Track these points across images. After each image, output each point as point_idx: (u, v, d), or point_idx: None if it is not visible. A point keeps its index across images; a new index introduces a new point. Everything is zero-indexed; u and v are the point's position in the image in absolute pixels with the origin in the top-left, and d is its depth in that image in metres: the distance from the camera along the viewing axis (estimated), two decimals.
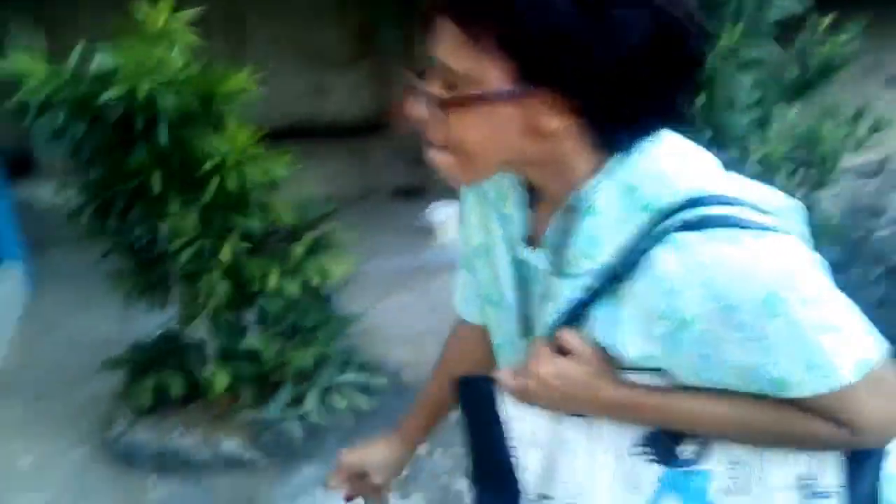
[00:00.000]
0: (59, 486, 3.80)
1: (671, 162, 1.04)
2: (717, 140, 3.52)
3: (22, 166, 7.14)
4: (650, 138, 1.04)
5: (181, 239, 3.58)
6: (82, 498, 3.70)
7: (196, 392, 3.90)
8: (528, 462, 1.21)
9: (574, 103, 0.98)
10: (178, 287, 3.83)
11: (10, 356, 5.30)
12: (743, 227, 0.97)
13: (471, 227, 1.32)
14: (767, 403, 1.06)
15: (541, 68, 0.96)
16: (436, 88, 1.03)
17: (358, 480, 1.55)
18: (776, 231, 0.99)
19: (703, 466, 1.13)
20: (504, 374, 1.18)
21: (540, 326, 1.17)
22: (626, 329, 1.05)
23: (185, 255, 3.58)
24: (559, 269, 1.11)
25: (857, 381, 1.01)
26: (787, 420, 1.07)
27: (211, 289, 3.64)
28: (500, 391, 1.19)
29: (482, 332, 1.41)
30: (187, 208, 3.60)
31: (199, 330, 3.92)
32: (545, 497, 1.21)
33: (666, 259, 0.99)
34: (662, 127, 1.05)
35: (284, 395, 3.81)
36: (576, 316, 1.09)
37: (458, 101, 1.01)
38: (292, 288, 3.73)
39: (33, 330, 5.73)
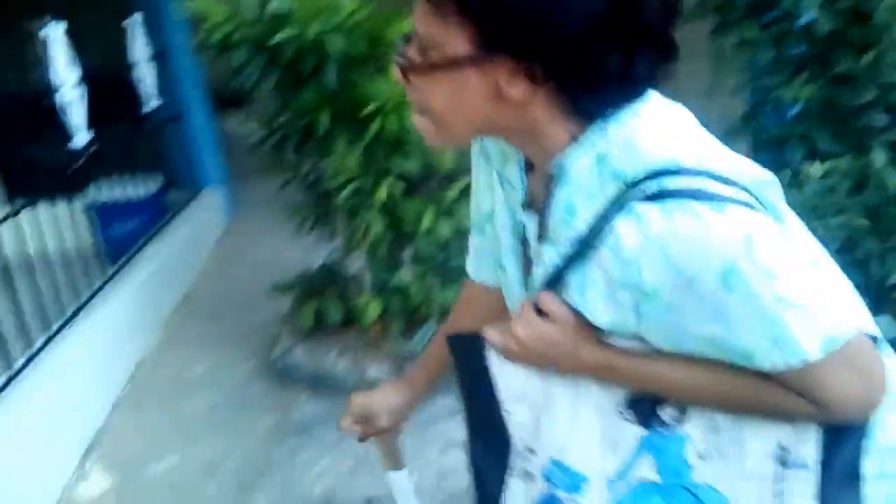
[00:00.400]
0: (223, 394, 4.16)
1: (645, 131, 1.01)
2: (883, 101, 3.37)
3: (231, 100, 7.63)
4: (627, 105, 1.02)
5: (343, 176, 3.80)
6: (242, 408, 4.03)
7: (351, 320, 4.15)
8: (517, 416, 1.25)
9: (536, 70, 0.98)
10: (341, 221, 4.06)
11: (203, 275, 5.78)
12: (705, 199, 0.95)
13: (480, 192, 1.33)
14: (740, 373, 1.04)
15: (497, 35, 0.96)
16: (410, 53, 1.08)
17: (366, 423, 1.60)
18: (740, 203, 0.96)
19: (682, 430, 1.14)
20: (489, 332, 1.19)
21: (531, 289, 1.19)
22: (595, 296, 1.06)
23: (346, 192, 3.80)
24: (544, 234, 1.14)
25: (824, 357, 0.98)
26: (757, 390, 1.06)
27: (368, 225, 3.84)
28: (489, 348, 1.23)
29: (492, 293, 1.42)
30: (351, 147, 3.80)
31: (357, 262, 4.16)
32: (531, 450, 1.25)
33: (626, 230, 0.98)
34: (634, 93, 1.04)
35: (429, 329, 3.97)
36: (556, 281, 1.09)
37: (424, 65, 1.04)
38: (445, 229, 3.87)
39: (226, 252, 6.21)
